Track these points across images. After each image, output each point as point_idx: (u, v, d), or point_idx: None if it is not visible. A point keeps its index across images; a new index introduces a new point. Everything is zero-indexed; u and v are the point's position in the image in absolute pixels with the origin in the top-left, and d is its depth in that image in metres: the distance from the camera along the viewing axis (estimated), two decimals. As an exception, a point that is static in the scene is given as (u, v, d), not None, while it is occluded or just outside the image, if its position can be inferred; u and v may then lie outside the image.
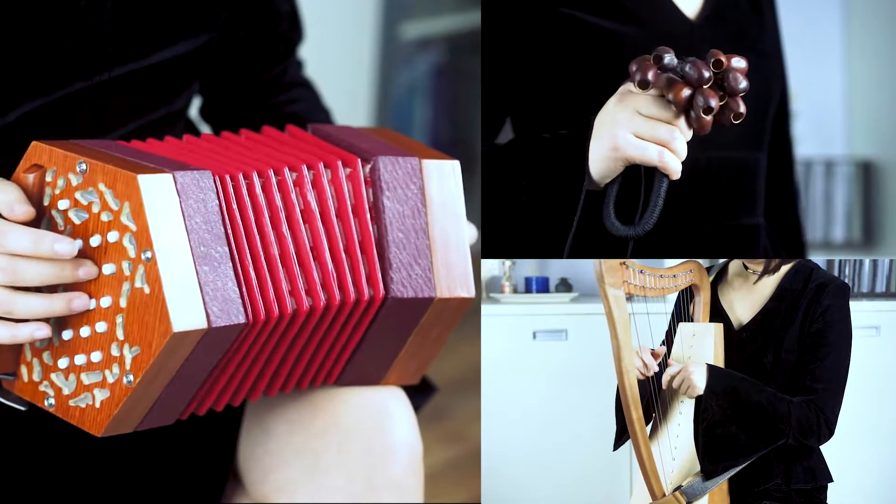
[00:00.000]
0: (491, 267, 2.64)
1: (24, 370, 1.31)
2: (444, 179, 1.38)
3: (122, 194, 1.22)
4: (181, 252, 1.22)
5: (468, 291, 1.37)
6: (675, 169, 1.35)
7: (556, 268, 2.64)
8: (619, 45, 1.46)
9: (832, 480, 1.63)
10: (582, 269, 2.62)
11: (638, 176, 1.38)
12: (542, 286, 2.61)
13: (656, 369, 1.60)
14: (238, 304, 1.25)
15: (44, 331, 1.26)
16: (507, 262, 2.59)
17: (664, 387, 1.57)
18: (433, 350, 1.42)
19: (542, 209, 1.42)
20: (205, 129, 1.71)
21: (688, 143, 1.35)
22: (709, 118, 1.33)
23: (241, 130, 1.44)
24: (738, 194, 1.53)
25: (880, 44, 3.07)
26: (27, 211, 1.25)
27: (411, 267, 1.34)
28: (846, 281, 2.46)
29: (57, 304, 1.25)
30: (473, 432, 2.72)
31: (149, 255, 1.21)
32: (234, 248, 1.27)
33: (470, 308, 1.40)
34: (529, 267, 2.64)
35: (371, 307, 1.34)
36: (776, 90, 1.59)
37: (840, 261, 2.57)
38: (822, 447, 1.62)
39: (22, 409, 1.33)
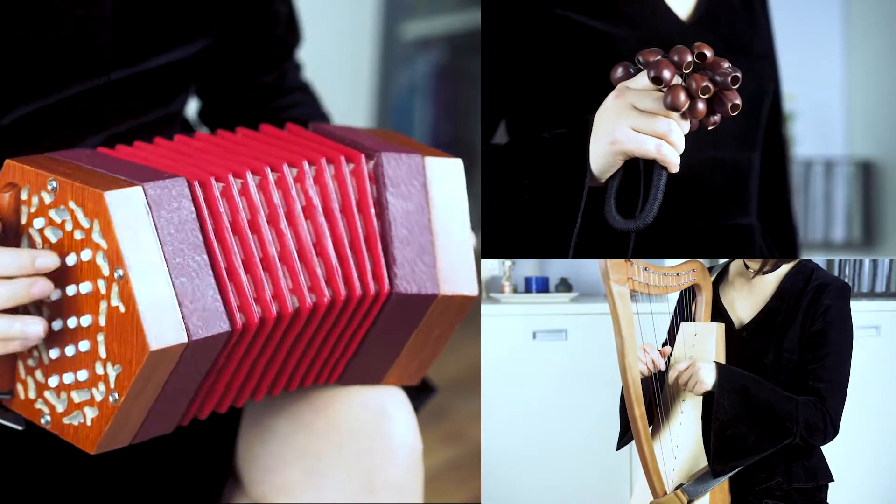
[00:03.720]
0: (491, 267, 2.64)
1: (20, 388, 1.30)
2: (448, 177, 1.38)
3: (92, 212, 1.21)
4: (155, 267, 1.20)
5: (471, 289, 1.37)
6: (673, 161, 1.35)
7: (556, 268, 2.64)
8: (612, 46, 1.47)
9: (833, 480, 1.63)
10: (582, 269, 2.62)
11: (637, 170, 1.39)
12: (542, 286, 2.61)
13: (663, 367, 1.60)
14: (220, 312, 1.23)
15: (37, 326, 1.23)
16: (507, 262, 2.58)
17: (671, 383, 1.57)
18: (435, 349, 1.42)
19: (543, 208, 1.42)
20: (204, 130, 1.71)
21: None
22: (702, 106, 1.33)
23: (238, 129, 1.43)
24: (732, 194, 1.53)
25: (880, 44, 3.07)
26: None
27: (415, 263, 1.34)
28: (846, 281, 2.46)
29: (15, 327, 1.23)
30: (473, 432, 2.72)
31: (121, 273, 1.20)
32: (214, 254, 1.25)
33: (470, 308, 1.40)
34: (529, 267, 2.64)
35: (376, 303, 1.34)
36: (768, 91, 1.59)
37: (840, 261, 2.57)
38: (822, 446, 1.62)
39: (19, 428, 1.32)
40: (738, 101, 1.33)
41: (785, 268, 1.65)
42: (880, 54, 3.07)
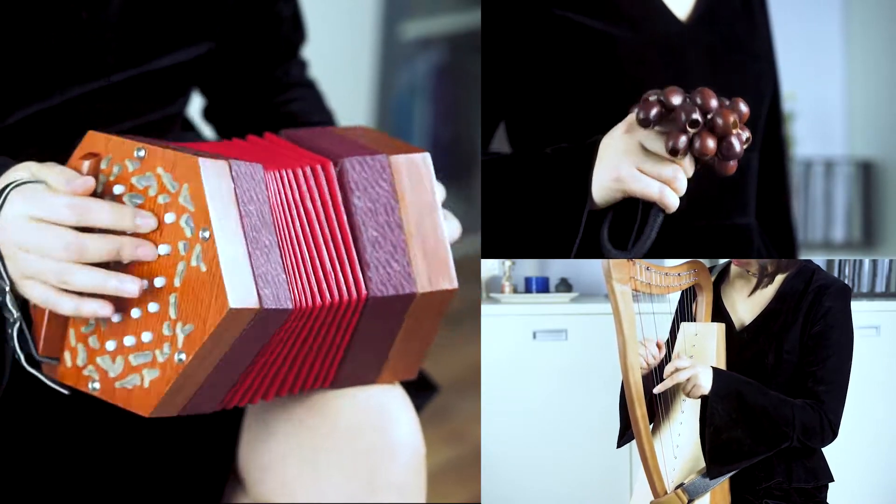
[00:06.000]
0: (491, 267, 2.64)
1: (67, 356, 1.31)
2: (416, 173, 1.37)
3: (181, 177, 1.24)
4: (236, 234, 1.25)
5: (450, 283, 1.37)
6: (673, 205, 1.36)
7: (557, 268, 2.64)
8: (612, 46, 1.47)
9: (833, 480, 1.63)
10: (582, 269, 2.62)
11: (635, 202, 1.39)
12: (542, 286, 2.61)
13: (660, 359, 1.60)
14: (286, 290, 1.28)
15: (107, 310, 1.26)
16: (507, 262, 2.58)
17: (666, 375, 1.57)
18: (424, 344, 1.42)
19: (543, 227, 1.42)
20: (205, 130, 1.71)
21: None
22: (708, 159, 1.34)
23: (214, 143, 1.44)
24: (730, 194, 1.53)
25: (880, 44, 3.07)
26: (86, 182, 1.25)
27: (389, 264, 1.35)
28: (846, 281, 2.46)
29: (110, 283, 1.25)
30: (473, 432, 2.72)
31: (207, 234, 1.23)
32: (280, 237, 1.29)
33: (470, 308, 1.40)
34: (529, 267, 2.64)
35: (354, 309, 1.34)
36: (767, 91, 1.59)
37: (840, 261, 2.57)
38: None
39: (65, 392, 1.32)
40: (733, 169, 1.34)
41: (785, 269, 1.65)
42: (880, 54, 3.07)
